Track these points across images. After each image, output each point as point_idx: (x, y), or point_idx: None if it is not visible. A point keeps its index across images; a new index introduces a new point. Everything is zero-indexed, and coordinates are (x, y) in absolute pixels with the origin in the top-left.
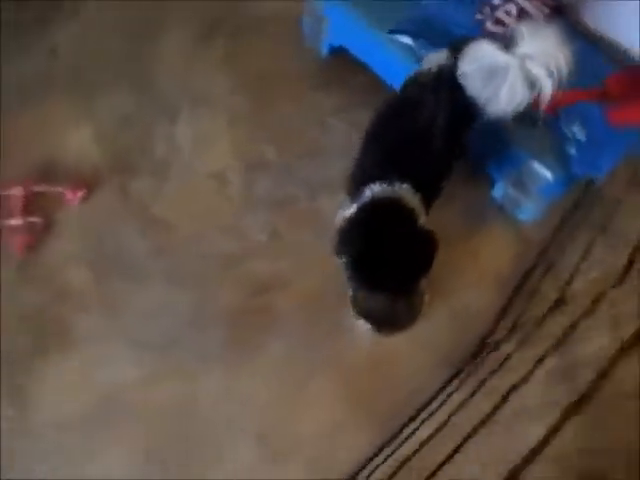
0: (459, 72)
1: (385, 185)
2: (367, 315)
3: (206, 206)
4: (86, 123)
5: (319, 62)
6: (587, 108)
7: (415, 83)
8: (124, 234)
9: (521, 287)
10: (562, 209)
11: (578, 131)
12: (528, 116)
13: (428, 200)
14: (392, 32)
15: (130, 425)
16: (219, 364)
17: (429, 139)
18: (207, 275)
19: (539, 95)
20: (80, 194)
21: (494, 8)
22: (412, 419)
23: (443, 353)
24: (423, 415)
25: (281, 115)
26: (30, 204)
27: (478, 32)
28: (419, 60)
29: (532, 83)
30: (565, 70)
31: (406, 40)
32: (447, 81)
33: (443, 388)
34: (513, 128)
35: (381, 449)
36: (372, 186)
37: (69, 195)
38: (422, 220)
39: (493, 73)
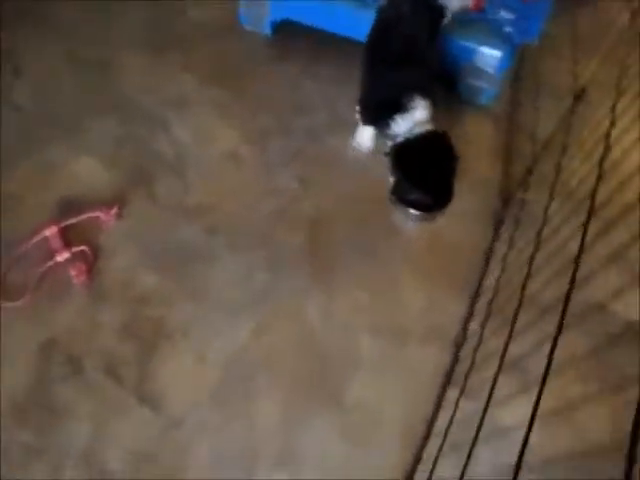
0: None
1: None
2: (416, 205)
3: (233, 183)
4: (86, 155)
5: (267, 41)
6: None
7: (391, 4)
8: (171, 230)
9: (511, 150)
10: (508, 84)
11: (505, 14)
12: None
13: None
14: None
15: (261, 379)
16: (313, 294)
17: (420, 46)
18: (265, 232)
19: None
20: (113, 212)
21: None
22: (482, 272)
23: (479, 216)
24: (486, 267)
25: (256, 92)
26: (68, 238)
27: None
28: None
29: None
30: None
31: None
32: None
33: (494, 241)
34: (459, 31)
35: (472, 304)
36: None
37: (103, 217)
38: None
39: None
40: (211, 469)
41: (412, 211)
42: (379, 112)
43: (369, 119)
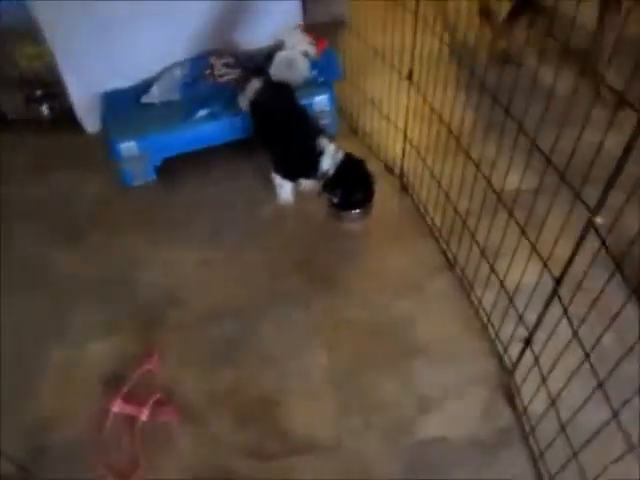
0: (273, 76)
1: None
2: (357, 205)
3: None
4: (90, 342)
5: (153, 183)
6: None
7: (260, 101)
8: (206, 334)
9: None
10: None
11: (314, 72)
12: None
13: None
14: (188, 120)
15: None
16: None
17: (296, 111)
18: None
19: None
20: (155, 358)
21: (212, 66)
22: None
23: None
24: None
25: (176, 219)
26: (135, 399)
27: (210, 80)
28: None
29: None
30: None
31: (203, 112)
32: (272, 84)
33: None
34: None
35: None
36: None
37: (151, 366)
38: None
39: (289, 64)
40: None
41: (355, 211)
42: (297, 169)
43: (292, 178)
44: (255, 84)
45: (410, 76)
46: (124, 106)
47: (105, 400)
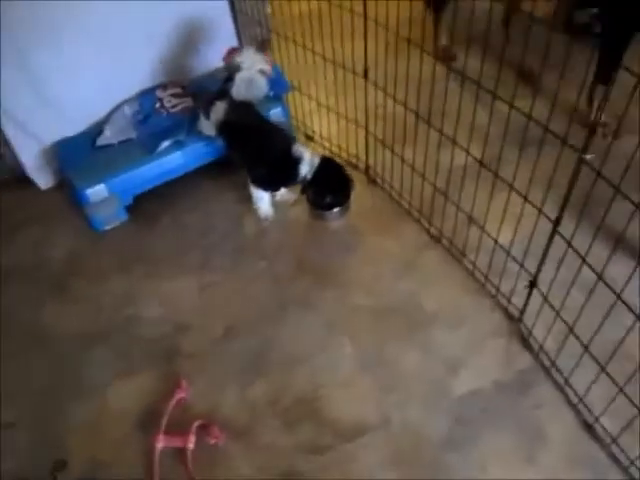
0: (235, 95)
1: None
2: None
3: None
4: (107, 391)
5: (126, 225)
6: None
7: (230, 120)
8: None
9: None
10: None
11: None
12: None
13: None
14: (153, 154)
15: None
16: None
17: (265, 125)
18: None
19: None
20: (184, 385)
21: (161, 99)
22: None
23: None
24: None
25: (165, 249)
26: (176, 428)
27: (163, 113)
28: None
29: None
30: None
31: (166, 143)
32: (237, 103)
33: None
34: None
35: None
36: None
37: (183, 394)
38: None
39: (250, 83)
40: None
41: (335, 210)
42: (277, 179)
43: (272, 188)
44: (220, 106)
45: (366, 74)
46: (80, 152)
47: (147, 439)
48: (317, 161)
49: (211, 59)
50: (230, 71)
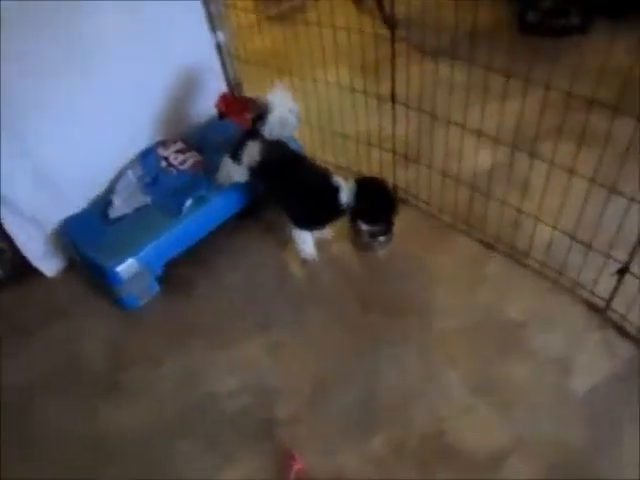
0: (267, 135)
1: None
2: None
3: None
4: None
5: (161, 298)
6: None
7: (267, 159)
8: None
9: None
10: None
11: None
12: None
13: None
14: (177, 215)
15: None
16: None
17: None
18: None
19: None
20: (296, 456)
21: (167, 158)
22: None
23: None
24: None
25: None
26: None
27: (173, 171)
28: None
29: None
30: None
31: (188, 202)
32: (270, 142)
33: None
34: None
35: None
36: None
37: (298, 466)
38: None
39: (282, 122)
40: None
41: (380, 238)
42: (322, 215)
43: (318, 225)
44: (254, 147)
45: (393, 97)
46: (95, 228)
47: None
48: (353, 184)
49: (202, 108)
50: (262, 111)
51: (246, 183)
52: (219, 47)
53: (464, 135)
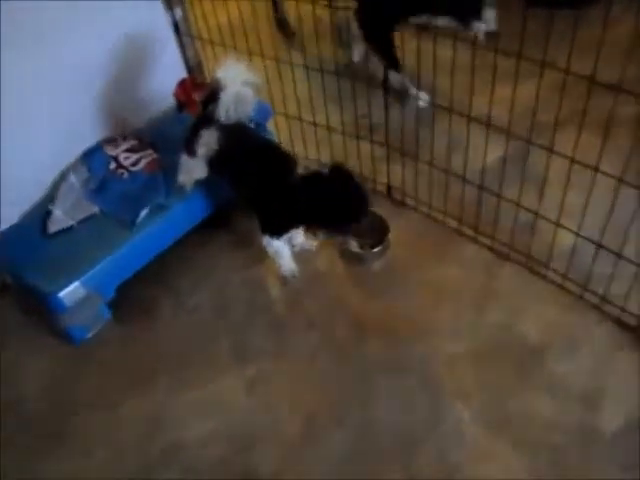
0: (223, 118)
1: None
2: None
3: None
4: None
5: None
6: None
7: (226, 150)
8: None
9: None
10: None
11: None
12: None
13: None
14: (132, 227)
15: None
16: None
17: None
18: None
19: None
20: None
21: (116, 158)
22: None
23: None
24: None
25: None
26: None
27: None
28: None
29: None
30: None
31: (144, 212)
32: (228, 127)
33: None
34: None
35: None
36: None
37: None
38: None
39: (237, 99)
40: None
41: (375, 250)
42: (289, 213)
43: (287, 227)
44: (209, 135)
45: (385, 82)
46: (30, 245)
47: None
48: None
49: (158, 98)
50: (213, 90)
51: (212, 187)
52: (176, 26)
53: (470, 125)
